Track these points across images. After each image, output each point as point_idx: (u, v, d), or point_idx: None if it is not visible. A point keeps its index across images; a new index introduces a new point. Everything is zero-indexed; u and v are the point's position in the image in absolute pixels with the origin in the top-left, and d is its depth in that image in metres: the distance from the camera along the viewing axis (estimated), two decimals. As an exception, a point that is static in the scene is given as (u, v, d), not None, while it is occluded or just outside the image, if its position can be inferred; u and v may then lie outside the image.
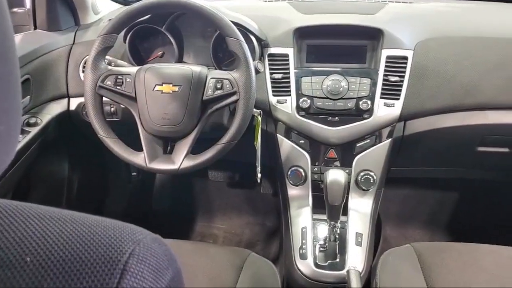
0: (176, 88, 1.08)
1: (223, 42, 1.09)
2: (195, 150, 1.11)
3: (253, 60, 1.18)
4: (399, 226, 1.78)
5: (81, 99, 1.34)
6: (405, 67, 1.21)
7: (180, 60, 1.35)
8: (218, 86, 1.08)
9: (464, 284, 0.98)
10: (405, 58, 1.22)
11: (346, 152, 1.27)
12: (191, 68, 1.10)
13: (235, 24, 1.14)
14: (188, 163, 1.09)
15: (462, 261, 1.04)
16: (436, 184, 1.79)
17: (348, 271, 1.01)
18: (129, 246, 0.35)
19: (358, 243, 1.18)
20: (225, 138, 1.08)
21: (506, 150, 1.32)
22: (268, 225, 1.88)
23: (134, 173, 1.85)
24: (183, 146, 1.10)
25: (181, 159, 1.09)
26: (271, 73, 1.26)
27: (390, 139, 1.25)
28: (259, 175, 1.25)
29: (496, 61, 1.22)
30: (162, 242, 0.39)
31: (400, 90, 1.21)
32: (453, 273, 1.02)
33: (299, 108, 1.23)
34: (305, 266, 1.15)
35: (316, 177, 1.28)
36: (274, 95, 1.25)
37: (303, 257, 1.16)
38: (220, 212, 1.96)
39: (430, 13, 1.38)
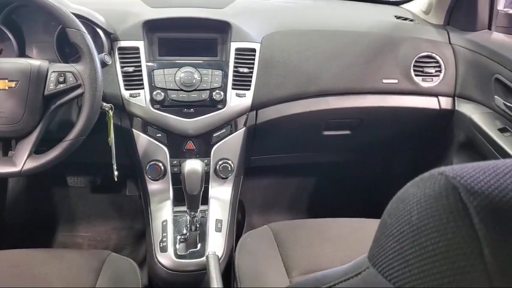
0: (12, 84, 1.00)
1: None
2: (43, 151, 1.04)
3: (102, 53, 1.15)
4: (264, 213, 1.86)
5: None
6: (253, 59, 1.27)
7: (22, 56, 1.25)
8: (61, 79, 1.03)
9: (314, 255, 1.06)
10: (253, 50, 1.28)
11: (204, 143, 1.29)
12: (30, 62, 1.03)
13: (79, 16, 1.10)
14: (32, 164, 1.02)
15: (312, 235, 1.12)
16: (295, 170, 1.91)
17: (207, 257, 1.03)
18: None
19: (218, 229, 1.21)
20: (72, 134, 1.03)
21: (348, 132, 1.46)
22: (136, 228, 1.82)
23: (-21, 186, 1.67)
24: (25, 146, 1.02)
25: (23, 160, 1.01)
26: (122, 67, 1.23)
27: (244, 128, 1.30)
28: (115, 173, 1.22)
29: (333, 51, 1.34)
30: None
31: (250, 81, 1.26)
32: (304, 247, 1.09)
33: (153, 101, 1.22)
34: (166, 258, 1.14)
35: (175, 169, 1.28)
36: (126, 89, 1.23)
37: (163, 250, 1.15)
38: (83, 220, 1.85)
39: (276, 9, 1.47)
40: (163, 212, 1.25)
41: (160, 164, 1.27)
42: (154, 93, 1.22)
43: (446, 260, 0.28)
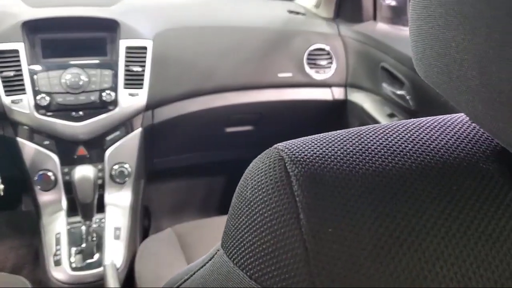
0: None
1: None
2: None
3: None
4: (173, 216, 1.81)
5: None
6: (145, 57, 1.23)
7: None
8: None
9: None
10: (144, 48, 1.24)
11: (96, 147, 1.22)
12: None
13: None
14: None
15: (216, 234, 1.10)
16: (202, 170, 1.89)
17: (104, 266, 0.98)
18: None
19: (117, 237, 1.15)
20: None
21: (250, 128, 1.46)
22: (36, 245, 1.70)
23: None
24: None
25: None
26: (0, 71, 1.13)
27: (140, 129, 1.26)
28: (1, 186, 1.13)
29: (228, 47, 1.33)
30: None
31: (142, 80, 1.22)
32: (209, 246, 1.06)
33: (38, 106, 1.14)
34: (60, 272, 1.07)
35: (67, 178, 1.21)
36: (7, 95, 1.14)
37: (57, 263, 1.09)
38: (-26, 242, 1.69)
39: (168, 6, 1.44)
40: (56, 224, 1.18)
41: (50, 173, 1.19)
42: (38, 97, 1.14)
43: (270, 230, 0.29)
